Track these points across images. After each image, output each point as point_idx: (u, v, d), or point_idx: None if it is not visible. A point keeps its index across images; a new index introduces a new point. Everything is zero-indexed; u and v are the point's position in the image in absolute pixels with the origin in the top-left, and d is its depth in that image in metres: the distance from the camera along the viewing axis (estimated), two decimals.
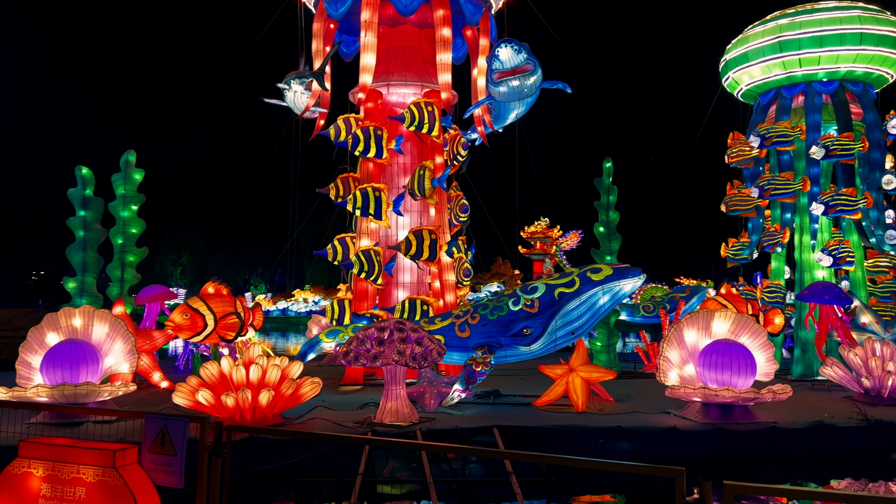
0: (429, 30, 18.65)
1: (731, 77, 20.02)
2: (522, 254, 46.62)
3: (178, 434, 4.72)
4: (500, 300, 14.26)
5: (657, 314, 22.29)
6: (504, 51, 16.03)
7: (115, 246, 18.31)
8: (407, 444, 8.26)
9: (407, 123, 17.32)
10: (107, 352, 12.64)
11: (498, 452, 6.85)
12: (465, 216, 18.51)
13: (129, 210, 18.24)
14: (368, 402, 13.90)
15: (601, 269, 13.99)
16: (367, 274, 17.21)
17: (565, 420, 12.11)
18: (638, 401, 14.34)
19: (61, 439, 5.44)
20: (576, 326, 13.86)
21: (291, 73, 17.76)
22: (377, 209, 17.31)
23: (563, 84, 17.46)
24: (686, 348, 12.82)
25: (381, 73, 17.81)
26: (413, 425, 11.60)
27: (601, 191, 19.71)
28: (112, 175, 18.40)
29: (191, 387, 11.50)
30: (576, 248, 41.83)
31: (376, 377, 17.57)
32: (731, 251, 20.04)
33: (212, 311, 15.15)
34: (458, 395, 13.34)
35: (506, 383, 16.05)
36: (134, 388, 12.78)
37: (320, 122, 18.89)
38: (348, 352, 11.67)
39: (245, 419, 11.27)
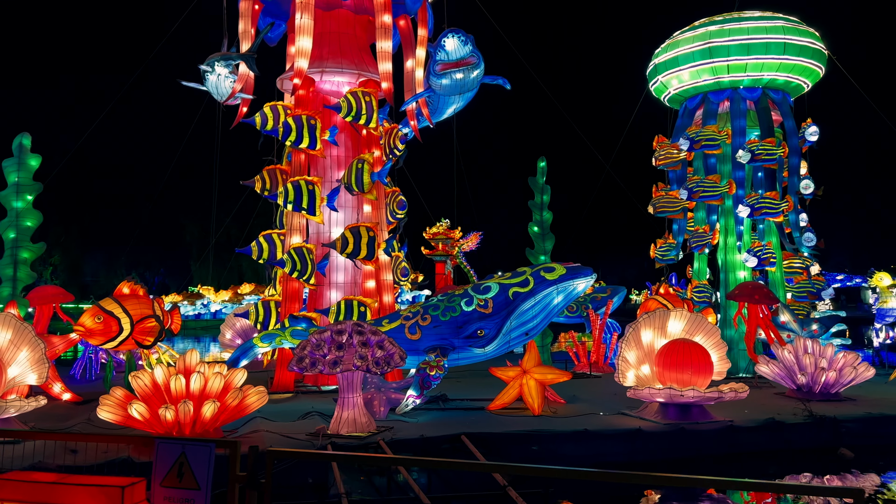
0: (364, 16, 17.71)
1: (660, 81, 20.41)
2: (425, 255, 46.28)
3: (201, 463, 3.74)
4: (451, 300, 13.60)
5: (580, 314, 22.40)
6: (450, 41, 15.46)
7: (6, 241, 16.06)
8: (430, 462, 7.31)
9: (343, 113, 16.31)
10: (10, 361, 10.91)
11: (522, 468, 6.12)
12: (402, 213, 17.71)
13: (23, 200, 16.06)
14: (310, 412, 12.85)
15: (554, 269, 13.64)
16: (300, 273, 16.05)
17: (529, 425, 11.64)
18: (587, 402, 14.13)
19: (41, 474, 4.25)
20: (530, 327, 13.44)
21: (215, 55, 16.32)
22: (311, 204, 16.18)
23: (503, 80, 17.09)
24: (643, 348, 12.71)
25: (314, 59, 16.69)
26: (373, 435, 10.73)
27: (535, 190, 19.51)
28: (2, 160, 16.17)
29: (118, 399, 10.06)
30: (475, 249, 42.00)
31: (306, 384, 16.46)
32: (659, 252, 20.42)
33: (128, 314, 13.54)
34: (412, 401, 12.58)
35: (448, 387, 15.41)
36: (45, 401, 11.09)
37: (243, 109, 17.51)
38: (302, 357, 10.62)
39: (184, 434, 9.99)
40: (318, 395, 15.39)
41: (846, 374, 14.39)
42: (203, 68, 16.13)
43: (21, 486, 3.88)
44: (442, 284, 41.25)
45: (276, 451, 4.12)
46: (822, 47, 19.14)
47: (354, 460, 8.83)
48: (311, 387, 16.27)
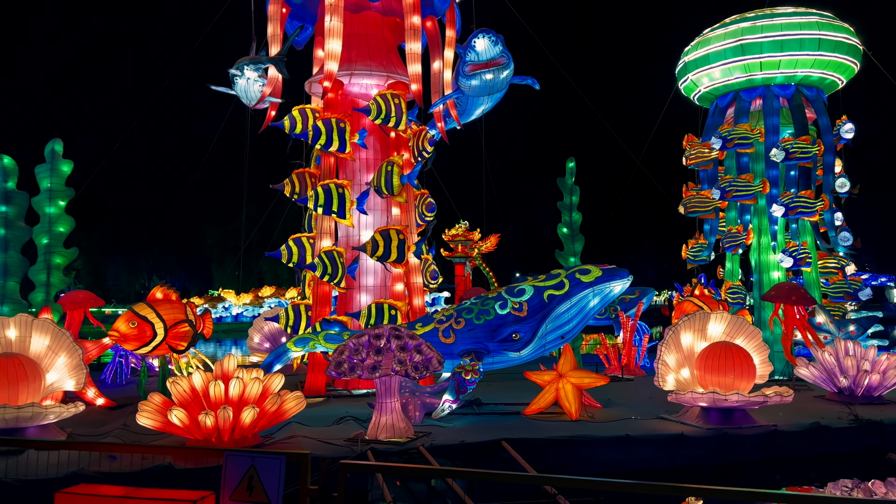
0: (392, 18, 17.63)
1: (690, 79, 20.12)
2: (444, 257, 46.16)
3: (271, 476, 3.62)
4: (485, 304, 13.45)
5: (609, 315, 22.15)
6: (481, 42, 15.29)
7: (39, 246, 16.14)
8: (499, 476, 6.97)
9: (373, 116, 16.22)
10: (48, 367, 10.92)
11: (582, 482, 5.85)
12: (431, 215, 17.54)
13: (55, 206, 16.11)
14: (344, 416, 12.74)
15: (590, 271, 13.46)
16: (331, 277, 15.97)
17: (569, 430, 11.45)
18: (623, 406, 13.91)
19: (108, 487, 4.16)
20: (566, 330, 13.26)
21: (244, 59, 16.28)
22: (340, 207, 16.11)
23: (532, 80, 16.90)
24: (682, 351, 12.48)
25: (343, 62, 16.62)
26: (412, 441, 10.60)
27: (564, 191, 19.28)
28: (35, 166, 16.24)
29: (156, 405, 10.03)
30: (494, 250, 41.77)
31: (336, 387, 16.38)
32: (691, 252, 20.13)
33: (161, 319, 13.54)
34: (448, 406, 12.44)
35: (481, 390, 15.24)
36: (83, 407, 11.08)
37: (271, 113, 17.48)
38: (341, 362, 10.52)
39: (223, 441, 9.93)
40: (350, 399, 15.30)
41: (890, 376, 14.05)
42: (232, 72, 16.10)
43: (88, 501, 3.79)
44: (461, 286, 41.12)
45: (349, 463, 3.99)
46: (857, 43, 18.76)
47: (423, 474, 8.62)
48: (342, 391, 16.19)
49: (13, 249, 15.56)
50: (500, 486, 9.76)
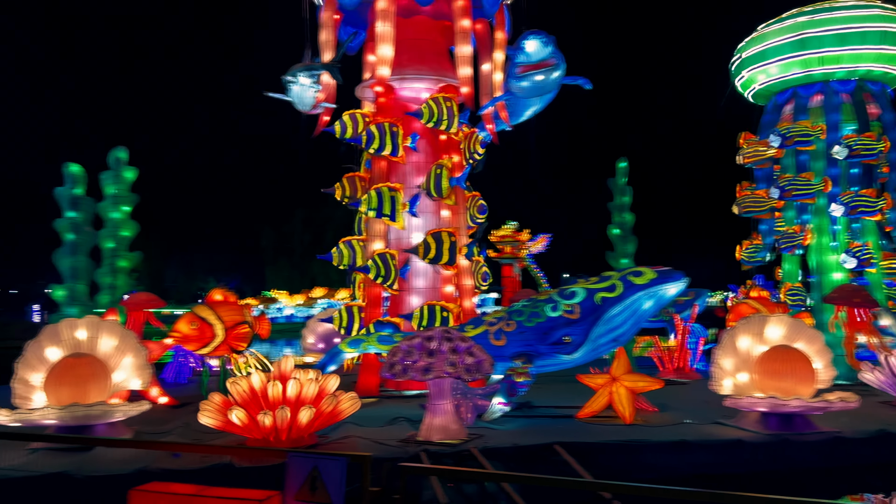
0: (442, 21, 17.74)
1: (745, 76, 19.68)
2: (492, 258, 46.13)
3: (333, 477, 3.73)
4: (535, 306, 13.42)
5: (662, 317, 21.81)
6: (531, 43, 15.27)
7: (104, 250, 16.83)
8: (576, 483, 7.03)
9: (424, 119, 16.36)
10: (115, 366, 11.37)
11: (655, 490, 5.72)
12: (482, 217, 17.61)
13: (120, 211, 16.79)
14: (397, 417, 12.90)
15: (643, 273, 13.28)
16: (383, 279, 16.18)
17: (623, 434, 11.34)
18: (678, 410, 13.69)
19: (179, 485, 4.36)
20: (619, 333, 13.12)
21: (298, 65, 16.62)
22: (392, 210, 16.30)
23: (583, 80, 16.75)
24: (740, 355, 12.23)
25: (394, 66, 16.82)
26: (464, 443, 10.67)
27: (615, 191, 19.13)
28: (100, 173, 16.93)
29: (217, 405, 10.35)
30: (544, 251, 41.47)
31: (388, 388, 16.57)
32: (746, 253, 19.67)
33: (221, 321, 13.96)
34: (500, 408, 12.46)
35: (532, 393, 15.19)
36: (148, 406, 11.50)
37: (324, 118, 17.79)
38: (394, 364, 10.67)
39: (280, 440, 10.18)
40: (402, 400, 15.46)
41: None
42: (287, 79, 16.44)
43: (162, 498, 3.98)
44: (510, 288, 41.01)
45: (409, 466, 4.09)
46: None
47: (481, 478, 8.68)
48: (393, 391, 16.37)
49: (81, 253, 16.27)
50: (554, 489, 9.76)
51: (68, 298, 16.06)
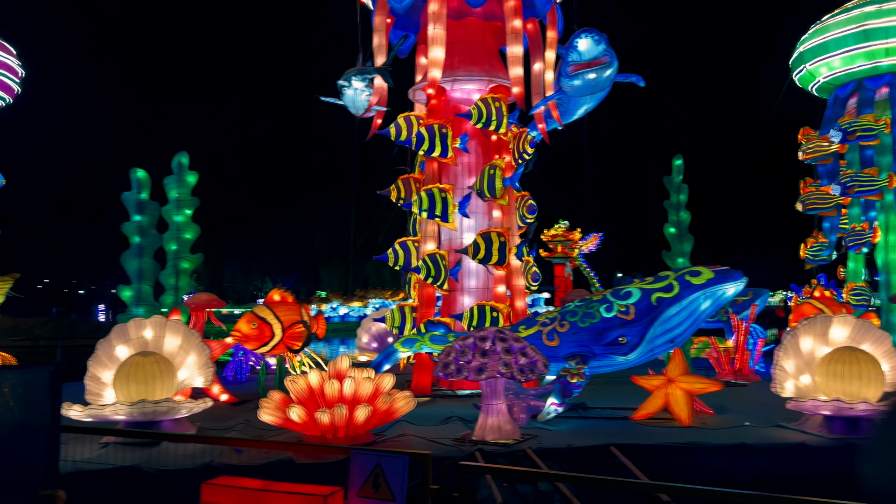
0: (493, 22, 17.79)
1: (807, 69, 19.11)
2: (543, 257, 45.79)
3: (395, 475, 3.83)
4: (589, 306, 13.34)
5: (720, 318, 21.33)
6: (583, 41, 15.19)
7: (168, 252, 17.47)
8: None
9: (474, 120, 16.44)
10: (180, 365, 11.80)
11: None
12: (532, 217, 17.59)
13: (182, 214, 17.41)
14: (451, 416, 12.99)
15: (700, 273, 13.05)
16: (434, 279, 16.32)
17: (680, 436, 11.18)
18: (736, 412, 13.40)
19: (248, 480, 4.55)
20: (676, 334, 12.94)
21: (352, 70, 16.92)
22: (444, 211, 16.43)
23: (636, 77, 16.59)
24: (802, 357, 11.90)
25: (445, 68, 16.95)
26: (518, 443, 10.69)
27: (671, 189, 18.82)
28: (164, 178, 17.58)
29: (276, 402, 10.64)
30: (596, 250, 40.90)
31: (441, 387, 16.70)
32: (810, 252, 19.09)
33: (279, 320, 14.31)
34: (553, 409, 12.43)
35: (586, 394, 15.08)
36: (211, 403, 11.90)
37: (377, 122, 18.05)
38: (447, 364, 10.76)
39: (338, 437, 10.40)
40: (455, 400, 15.56)
41: None
42: (340, 83, 16.75)
43: (232, 493, 4.17)
44: (561, 287, 40.67)
45: (467, 465, 4.16)
46: None
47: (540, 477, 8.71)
48: (446, 391, 16.50)
49: (147, 255, 16.94)
50: (610, 491, 9.69)
51: (135, 299, 16.73)
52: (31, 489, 5.25)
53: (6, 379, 5.77)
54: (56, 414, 5.79)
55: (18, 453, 5.57)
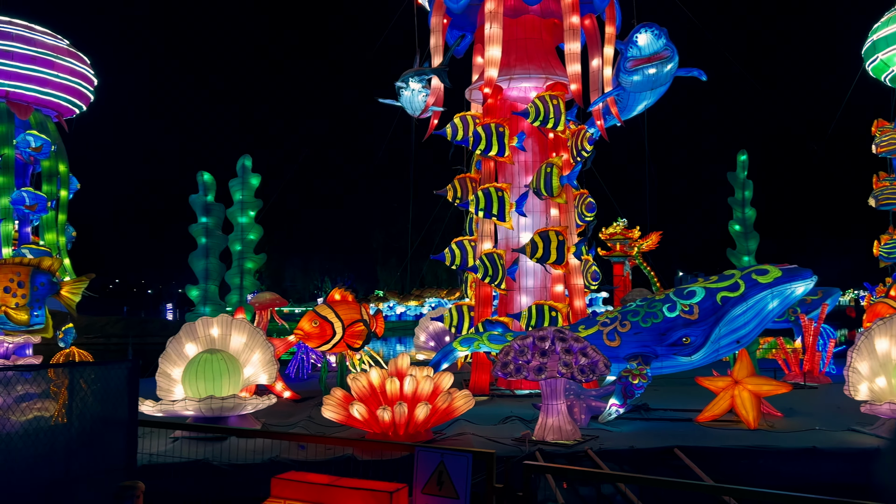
0: (550, 19, 17.65)
1: (880, 58, 18.29)
2: (601, 256, 45.12)
3: (459, 473, 3.86)
4: (651, 306, 13.09)
5: (788, 318, 20.64)
6: (643, 36, 14.94)
7: (233, 253, 17.99)
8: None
9: (531, 118, 16.34)
10: (245, 362, 12.13)
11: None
12: (591, 215, 17.34)
13: (246, 216, 17.90)
14: (510, 416, 12.97)
15: (768, 271, 12.67)
16: (491, 278, 16.30)
17: (747, 439, 10.87)
18: (806, 416, 12.95)
19: (316, 475, 4.67)
20: (742, 334, 12.58)
21: (409, 71, 17.07)
22: (500, 210, 16.39)
23: (698, 71, 16.19)
24: (877, 358, 11.40)
25: (502, 67, 16.90)
26: (579, 444, 10.60)
27: (735, 186, 18.30)
28: (229, 180, 18.12)
29: (338, 399, 10.83)
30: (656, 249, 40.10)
31: (500, 387, 16.68)
32: (885, 249, 18.28)
33: (340, 319, 14.56)
34: (615, 410, 12.27)
35: (649, 395, 14.83)
36: (275, 399, 12.21)
37: (434, 122, 18.15)
38: (507, 363, 10.74)
39: (398, 435, 10.51)
40: (513, 399, 15.53)
41: None
42: (398, 85, 16.93)
43: (301, 487, 4.28)
44: (620, 287, 40.02)
45: (532, 464, 4.16)
46: None
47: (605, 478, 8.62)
48: (505, 390, 16.47)
49: (213, 256, 17.47)
50: (673, 495, 9.50)
51: (201, 298, 17.30)
52: (112, 480, 5.51)
53: (84, 375, 6.05)
54: (134, 409, 6.04)
55: (99, 446, 5.85)
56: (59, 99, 18.51)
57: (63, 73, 18.19)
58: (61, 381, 6.00)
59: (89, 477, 5.60)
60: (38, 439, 5.45)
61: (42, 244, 17.97)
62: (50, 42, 18.13)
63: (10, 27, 17.62)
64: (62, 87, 18.37)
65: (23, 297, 12.43)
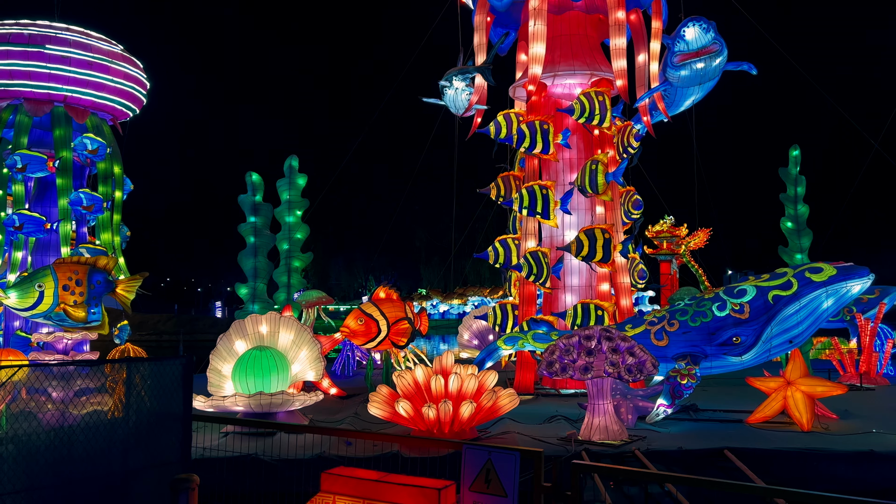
0: (595, 15, 17.47)
1: None
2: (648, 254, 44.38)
3: (507, 471, 3.86)
4: (700, 305, 12.84)
5: (843, 317, 20.03)
6: (691, 30, 14.68)
7: (280, 251, 18.33)
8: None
9: (576, 115, 16.19)
10: (293, 359, 12.33)
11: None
12: (637, 213, 17.12)
13: (293, 215, 18.21)
14: (555, 415, 12.89)
15: (822, 269, 12.31)
16: (536, 277, 16.22)
17: (800, 441, 10.59)
18: (863, 418, 12.54)
19: (364, 471, 4.74)
20: (795, 334, 12.25)
21: (453, 70, 17.08)
22: (545, 208, 16.29)
23: (748, 65, 15.84)
24: None
25: (546, 64, 16.80)
26: (626, 444, 10.47)
27: (787, 182, 17.81)
28: (277, 181, 18.46)
29: (384, 397, 10.92)
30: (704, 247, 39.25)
31: (544, 386, 16.59)
32: None
33: (385, 317, 14.68)
34: (663, 410, 12.08)
35: (697, 396, 14.56)
36: (322, 396, 12.38)
37: (477, 120, 18.15)
38: (552, 362, 10.68)
39: (443, 432, 10.55)
40: (559, 399, 15.44)
41: None
42: (442, 83, 16.96)
43: (350, 482, 4.34)
44: (668, 285, 39.33)
45: (580, 464, 4.13)
46: None
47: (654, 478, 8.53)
48: (550, 389, 16.38)
49: (261, 255, 17.83)
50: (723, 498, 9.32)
51: (250, 296, 17.65)
52: (167, 473, 5.67)
53: (138, 371, 6.24)
54: (188, 404, 6.21)
55: (155, 440, 6.03)
56: (114, 103, 19.10)
57: (118, 77, 18.76)
58: (117, 376, 6.20)
59: (146, 470, 5.77)
60: (97, 432, 5.64)
61: (98, 244, 18.57)
62: (105, 47, 18.72)
63: (67, 34, 18.25)
64: (117, 91, 18.95)
65: (80, 295, 12.84)
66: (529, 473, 4.55)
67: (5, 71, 17.66)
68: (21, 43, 17.69)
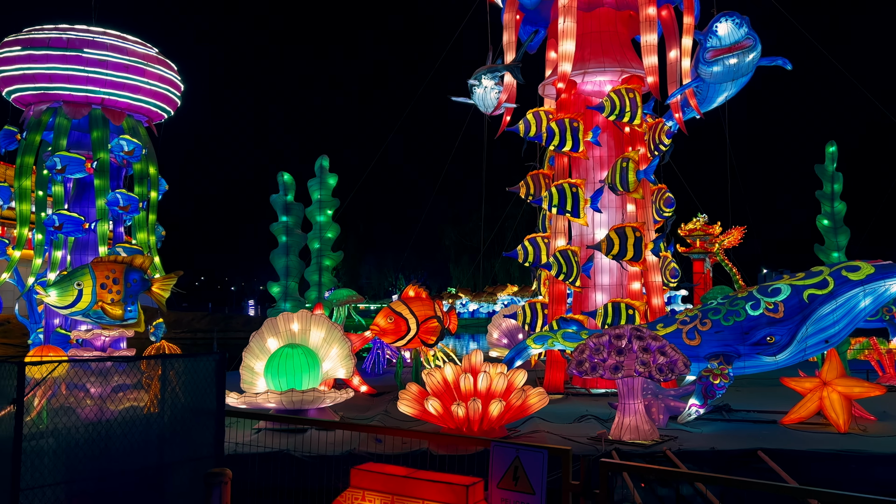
0: (626, 11, 17.32)
1: None
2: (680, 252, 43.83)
3: (535, 469, 3.88)
4: (734, 304, 12.66)
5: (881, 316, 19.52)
6: (723, 26, 14.48)
7: (312, 250, 18.53)
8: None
9: (607, 112, 16.06)
10: (324, 357, 12.46)
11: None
12: (669, 211, 16.93)
13: (324, 215, 18.41)
14: (585, 415, 12.82)
15: (860, 268, 12.08)
16: (566, 276, 16.14)
17: (836, 443, 10.39)
18: None
19: (394, 467, 4.80)
20: (830, 334, 12.03)
21: (482, 68, 17.07)
22: (574, 206, 16.20)
23: (783, 60, 15.56)
24: None
25: (576, 61, 16.69)
26: (657, 444, 10.38)
27: (824, 179, 17.46)
28: (308, 180, 18.67)
29: (414, 395, 10.98)
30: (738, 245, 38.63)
31: (574, 385, 16.51)
32: None
33: (414, 315, 14.75)
34: (695, 410, 11.95)
35: (730, 396, 14.36)
36: (352, 393, 12.50)
37: (507, 118, 18.10)
38: (582, 361, 10.63)
39: (472, 431, 10.57)
40: (589, 398, 15.34)
41: None
42: (471, 82, 16.97)
43: (379, 478, 4.40)
44: (701, 284, 38.81)
45: (609, 462, 4.12)
46: None
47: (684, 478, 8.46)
48: (580, 389, 16.30)
49: (293, 254, 18.05)
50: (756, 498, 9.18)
51: (282, 294, 17.88)
52: (201, 468, 5.79)
53: (173, 367, 6.38)
54: (221, 400, 6.33)
55: (189, 435, 6.16)
56: (149, 105, 19.48)
57: (153, 80, 19.13)
58: (153, 372, 6.35)
59: (180, 464, 5.90)
60: (134, 427, 5.79)
61: (134, 243, 18.98)
62: (141, 51, 19.10)
63: (104, 37, 18.66)
64: (153, 93, 19.33)
65: (117, 294, 13.15)
66: (558, 472, 4.55)
67: (45, 75, 18.13)
68: (60, 47, 18.13)
